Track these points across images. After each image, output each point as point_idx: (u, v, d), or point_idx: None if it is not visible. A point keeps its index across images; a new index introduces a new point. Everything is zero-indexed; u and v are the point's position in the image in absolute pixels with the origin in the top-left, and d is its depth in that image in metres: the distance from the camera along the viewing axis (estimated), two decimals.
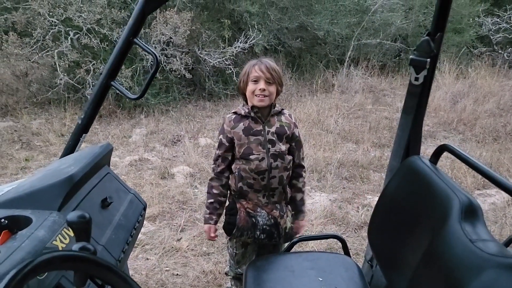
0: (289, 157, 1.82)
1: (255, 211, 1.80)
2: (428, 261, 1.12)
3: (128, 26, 1.38)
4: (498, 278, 0.86)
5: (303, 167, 1.92)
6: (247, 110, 1.77)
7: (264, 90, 1.71)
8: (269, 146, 1.75)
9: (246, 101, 1.81)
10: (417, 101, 1.55)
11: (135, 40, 1.38)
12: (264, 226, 1.80)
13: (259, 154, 1.74)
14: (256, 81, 1.73)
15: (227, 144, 1.78)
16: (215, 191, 1.83)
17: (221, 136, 1.80)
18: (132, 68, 5.43)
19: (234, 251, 1.95)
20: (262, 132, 1.76)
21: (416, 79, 1.51)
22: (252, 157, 1.74)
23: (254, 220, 1.79)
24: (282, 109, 1.86)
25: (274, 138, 1.76)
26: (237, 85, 1.87)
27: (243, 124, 1.76)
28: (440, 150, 1.38)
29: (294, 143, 1.85)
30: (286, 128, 1.80)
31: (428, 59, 1.47)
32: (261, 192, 1.79)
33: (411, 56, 1.53)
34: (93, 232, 0.92)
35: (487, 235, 1.01)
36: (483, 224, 1.06)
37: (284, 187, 1.84)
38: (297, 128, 1.87)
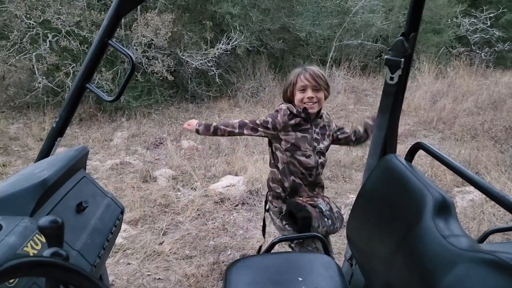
0: (327, 155, 1.97)
1: (314, 201, 1.86)
2: (403, 257, 1.13)
3: (103, 27, 1.36)
4: (469, 272, 0.87)
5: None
6: (299, 110, 1.85)
7: (312, 98, 1.80)
8: (315, 144, 1.87)
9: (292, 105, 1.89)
10: (392, 100, 1.57)
11: (109, 41, 1.37)
12: (327, 212, 1.86)
13: (306, 151, 1.84)
14: (303, 90, 1.81)
15: (270, 127, 1.84)
16: (235, 123, 1.87)
17: (270, 119, 1.84)
18: (113, 71, 5.38)
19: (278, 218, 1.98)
20: (310, 130, 1.87)
21: (391, 78, 1.54)
22: (299, 152, 1.84)
23: (319, 210, 1.85)
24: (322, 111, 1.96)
25: (319, 137, 1.89)
26: (282, 94, 1.96)
27: (294, 121, 1.85)
28: (415, 148, 1.41)
29: (337, 133, 2.01)
30: (327, 126, 1.94)
31: (403, 59, 1.49)
32: (308, 186, 1.91)
33: (386, 56, 1.56)
34: (67, 237, 0.91)
35: (459, 231, 1.03)
36: (455, 220, 1.08)
37: (323, 181, 2.01)
38: (333, 122, 2.01)
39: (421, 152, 1.44)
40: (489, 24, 8.99)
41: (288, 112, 1.86)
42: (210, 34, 6.14)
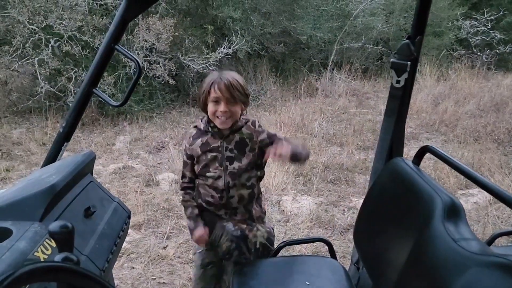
0: (250, 174, 1.68)
1: (222, 222, 1.70)
2: (413, 261, 1.13)
3: (109, 33, 1.37)
4: (480, 276, 0.87)
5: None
6: (206, 126, 1.66)
7: (225, 112, 1.55)
8: (227, 163, 1.63)
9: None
10: (399, 104, 1.57)
11: (116, 47, 1.37)
12: (233, 234, 1.66)
13: (215, 172, 1.64)
14: (216, 102, 1.55)
15: (188, 161, 1.71)
16: (189, 202, 1.76)
17: (184, 154, 1.73)
18: (115, 75, 5.38)
19: (195, 270, 1.88)
20: (220, 149, 1.64)
21: (398, 82, 1.54)
22: (208, 174, 1.65)
23: (225, 226, 1.69)
24: (246, 121, 1.68)
25: (232, 155, 1.64)
26: (195, 99, 1.74)
27: (201, 141, 1.65)
28: (422, 151, 1.41)
29: (264, 146, 1.66)
30: (247, 140, 1.65)
31: (409, 62, 1.49)
32: (222, 209, 1.71)
33: (392, 60, 1.56)
34: (76, 242, 0.91)
35: (469, 234, 1.02)
36: (465, 223, 1.08)
37: (247, 206, 1.72)
38: (264, 132, 1.68)
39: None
40: (490, 27, 8.98)
41: (194, 132, 1.68)
42: (211, 38, 6.16)
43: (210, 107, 1.57)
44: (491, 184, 1.11)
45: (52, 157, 1.42)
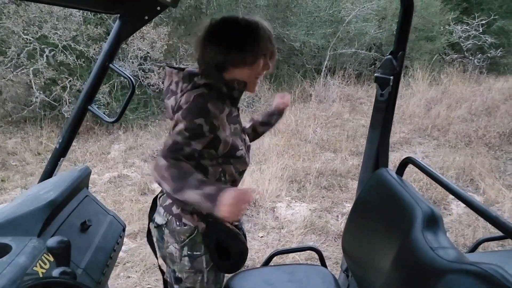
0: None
1: (239, 221, 1.41)
2: (396, 269, 1.18)
3: (104, 52, 1.42)
4: (455, 282, 0.92)
5: None
6: (226, 88, 1.23)
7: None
8: (244, 136, 1.35)
9: (212, 74, 1.23)
10: (383, 116, 1.63)
11: (110, 65, 1.43)
12: (243, 228, 1.46)
13: (242, 149, 1.28)
14: (271, 58, 1.24)
15: (208, 134, 1.13)
16: (188, 169, 1.08)
17: (201, 120, 1.11)
18: (110, 84, 5.43)
19: (206, 276, 1.36)
20: (238, 118, 1.31)
21: (382, 95, 1.60)
22: (238, 153, 1.26)
23: (242, 233, 1.42)
24: None
25: (243, 125, 1.40)
26: (222, 58, 1.22)
27: (227, 108, 1.23)
28: (405, 163, 1.47)
29: None
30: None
31: (392, 77, 1.56)
32: None
33: (375, 74, 1.62)
34: (73, 256, 0.96)
35: (447, 243, 1.08)
36: (443, 232, 1.13)
37: None
38: None
39: None
40: (481, 31, 9.10)
41: (216, 93, 1.20)
42: None
43: (258, 66, 1.20)
44: (466, 195, 1.17)
45: (48, 172, 1.47)
